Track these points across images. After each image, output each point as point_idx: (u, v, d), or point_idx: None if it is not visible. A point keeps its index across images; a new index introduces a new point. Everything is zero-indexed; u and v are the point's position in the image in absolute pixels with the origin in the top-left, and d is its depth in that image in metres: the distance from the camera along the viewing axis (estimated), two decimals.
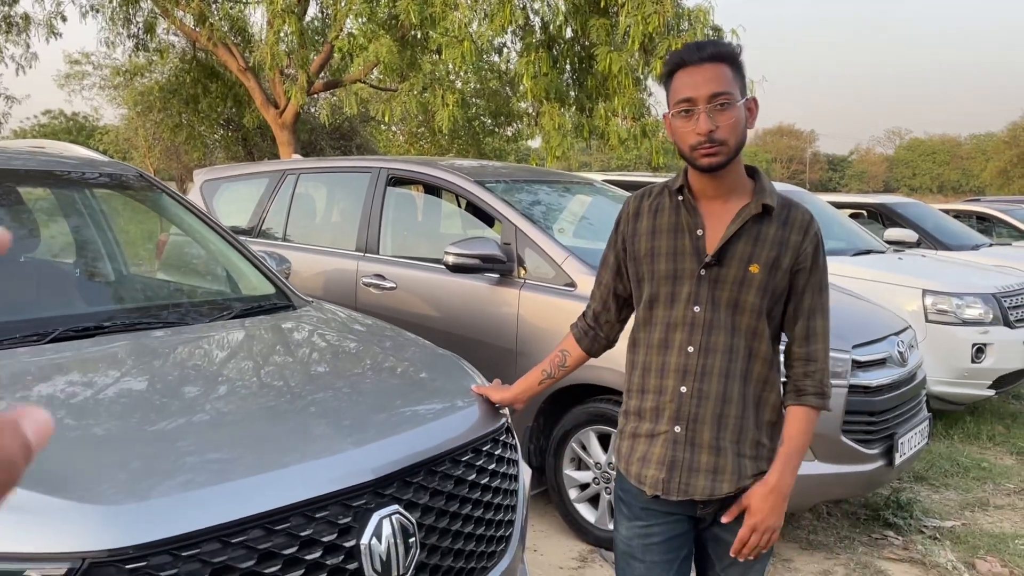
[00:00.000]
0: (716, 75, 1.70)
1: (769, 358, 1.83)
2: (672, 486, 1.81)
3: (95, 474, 1.57)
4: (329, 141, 24.18)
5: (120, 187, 3.28)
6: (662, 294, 1.84)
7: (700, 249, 1.79)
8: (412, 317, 4.29)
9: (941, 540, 3.98)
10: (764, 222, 1.78)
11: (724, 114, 1.70)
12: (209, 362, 2.31)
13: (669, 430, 1.82)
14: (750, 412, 1.81)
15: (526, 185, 4.75)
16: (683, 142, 1.75)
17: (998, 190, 57.83)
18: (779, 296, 1.80)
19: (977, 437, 5.70)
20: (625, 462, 1.90)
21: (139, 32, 13.96)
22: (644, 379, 1.87)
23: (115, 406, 1.89)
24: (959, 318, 5.63)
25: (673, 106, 1.75)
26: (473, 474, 2.07)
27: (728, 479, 1.80)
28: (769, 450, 1.85)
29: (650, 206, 1.90)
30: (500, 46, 11.28)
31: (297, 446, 1.80)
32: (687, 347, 1.80)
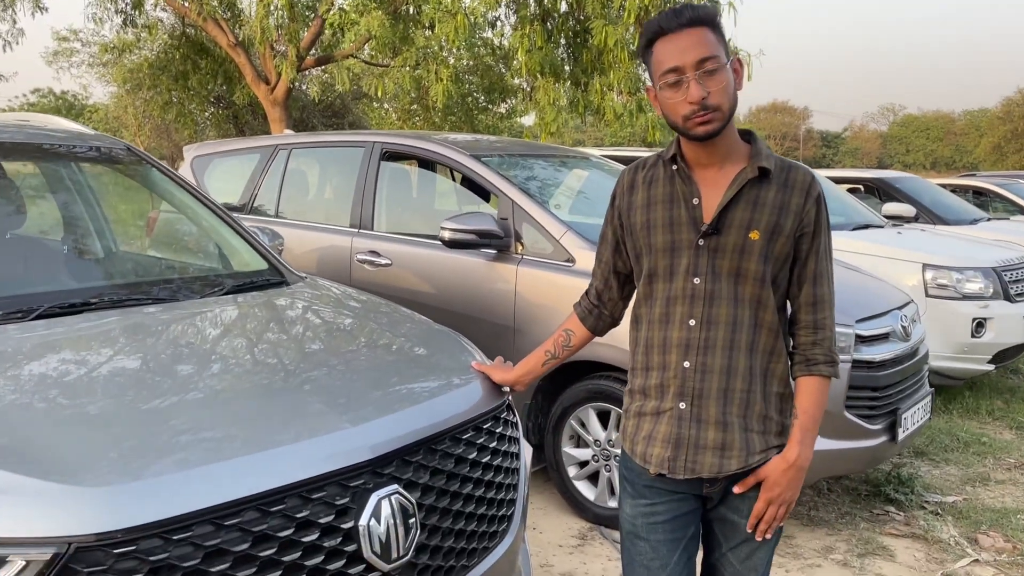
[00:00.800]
0: (699, 39, 1.64)
1: (775, 328, 1.76)
2: (678, 464, 1.76)
3: (82, 454, 1.50)
4: (321, 118, 23.96)
5: (108, 161, 3.19)
6: (661, 267, 1.78)
7: (697, 218, 1.73)
8: (408, 294, 4.22)
9: (943, 515, 3.96)
10: (763, 186, 1.72)
11: (714, 79, 1.63)
12: (200, 339, 2.24)
13: (674, 407, 1.77)
14: (757, 385, 1.75)
15: (522, 159, 4.67)
16: (674, 113, 1.68)
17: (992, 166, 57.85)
18: (783, 262, 1.74)
19: (976, 412, 5.68)
20: (631, 441, 1.85)
21: (127, 7, 13.76)
22: (647, 356, 1.82)
23: (103, 384, 1.82)
24: (959, 292, 5.59)
25: (659, 78, 1.67)
26: (474, 452, 2.01)
27: (736, 455, 1.74)
28: (777, 423, 1.78)
29: (644, 178, 1.84)
30: (494, 20, 11.13)
31: (292, 425, 1.73)
32: (688, 320, 1.75)
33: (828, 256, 1.79)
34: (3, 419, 1.59)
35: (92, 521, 1.36)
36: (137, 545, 1.38)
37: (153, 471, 1.49)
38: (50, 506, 1.37)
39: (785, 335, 1.81)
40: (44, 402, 1.69)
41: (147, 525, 1.40)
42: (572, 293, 3.87)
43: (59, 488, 1.39)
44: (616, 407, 3.60)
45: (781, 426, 1.79)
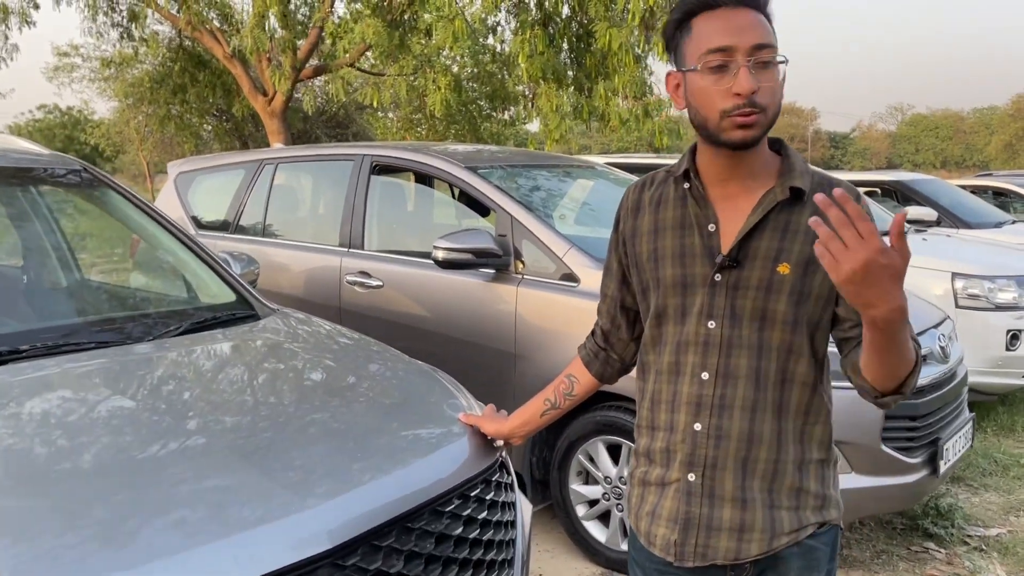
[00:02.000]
0: (758, 22, 1.32)
1: (811, 382, 1.43)
2: (687, 550, 1.45)
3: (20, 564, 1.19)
4: (324, 129, 23.76)
5: (62, 182, 2.89)
6: (670, 307, 1.47)
7: (713, 248, 1.42)
8: (400, 318, 3.91)
9: (987, 551, 3.61)
10: (795, 209, 1.40)
11: (767, 73, 1.32)
12: (155, 392, 1.91)
13: (682, 478, 1.46)
14: (788, 452, 1.43)
15: (522, 170, 4.36)
16: (709, 106, 1.34)
17: (1003, 164, 57.41)
18: (822, 302, 1.41)
19: (1012, 430, 5.33)
20: (635, 516, 1.55)
21: (123, 20, 13.54)
22: (653, 413, 1.52)
23: (26, 469, 1.51)
24: (992, 303, 5.24)
25: (700, 57, 1.33)
26: (459, 528, 1.69)
27: (758, 538, 1.43)
28: (817, 496, 1.46)
29: (651, 198, 1.53)
30: (494, 25, 10.84)
31: (223, 512, 1.41)
32: (701, 373, 1.44)
33: None
34: None
35: None
36: None
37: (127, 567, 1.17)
38: None
39: (825, 390, 1.48)
40: None
41: None
42: (577, 315, 3.58)
43: None
44: (628, 440, 3.27)
45: (822, 499, 1.46)
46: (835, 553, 1.53)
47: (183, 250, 2.79)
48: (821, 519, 1.46)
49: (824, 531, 1.48)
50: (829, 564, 1.51)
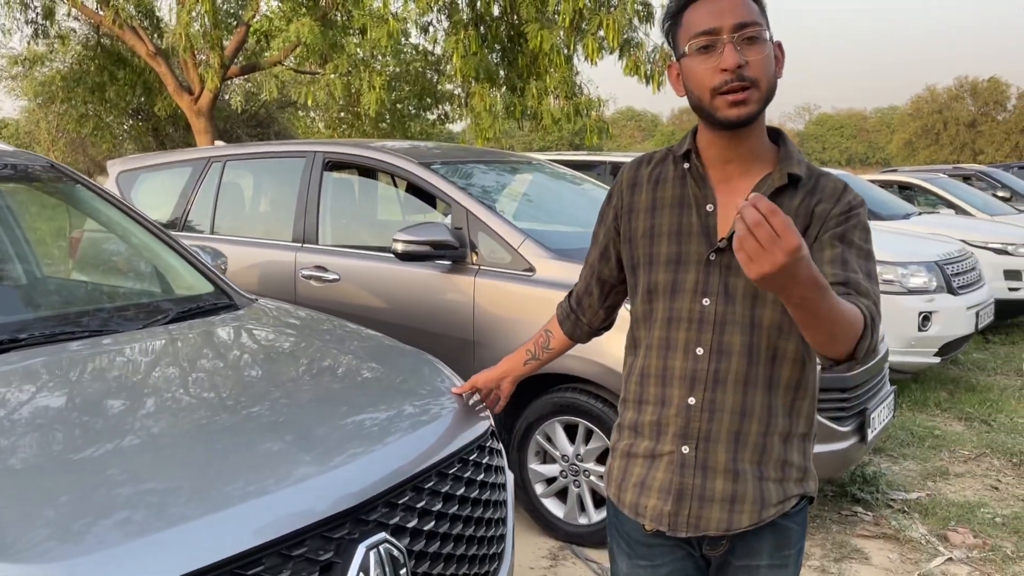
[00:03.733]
0: (741, 3, 1.39)
1: (800, 358, 1.50)
2: (680, 520, 1.50)
3: (11, 528, 1.28)
4: (246, 129, 23.33)
5: (29, 179, 2.91)
6: (663, 283, 1.51)
7: (710, 228, 1.47)
8: (359, 310, 4.01)
9: (910, 513, 3.95)
10: (787, 195, 1.46)
11: (754, 47, 1.38)
12: (146, 379, 2.00)
13: (675, 450, 1.51)
14: (776, 426, 1.49)
15: (472, 166, 4.51)
16: (702, 85, 1.40)
17: (903, 161, 60.18)
18: None
19: (925, 404, 5.75)
20: (617, 487, 1.59)
21: (37, 17, 13.08)
22: (642, 387, 1.56)
23: (35, 441, 1.59)
24: (905, 287, 5.65)
25: (689, 42, 1.41)
26: (462, 488, 1.84)
27: (748, 509, 1.49)
28: (799, 468, 1.53)
29: (650, 175, 1.57)
30: (426, 25, 10.94)
31: (265, 475, 1.54)
32: (695, 348, 1.49)
33: (867, 256, 1.46)
34: None
35: None
36: None
37: (98, 542, 1.28)
38: None
39: (814, 367, 1.55)
40: None
41: None
42: (533, 303, 3.76)
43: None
44: (584, 420, 3.47)
45: (803, 471, 1.55)
46: (805, 531, 1.61)
47: (159, 244, 2.85)
48: (802, 491, 1.54)
49: (798, 509, 1.55)
50: (800, 542, 1.58)
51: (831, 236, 1.44)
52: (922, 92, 64.72)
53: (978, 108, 62.26)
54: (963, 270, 6.06)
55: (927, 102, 63.62)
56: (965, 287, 5.97)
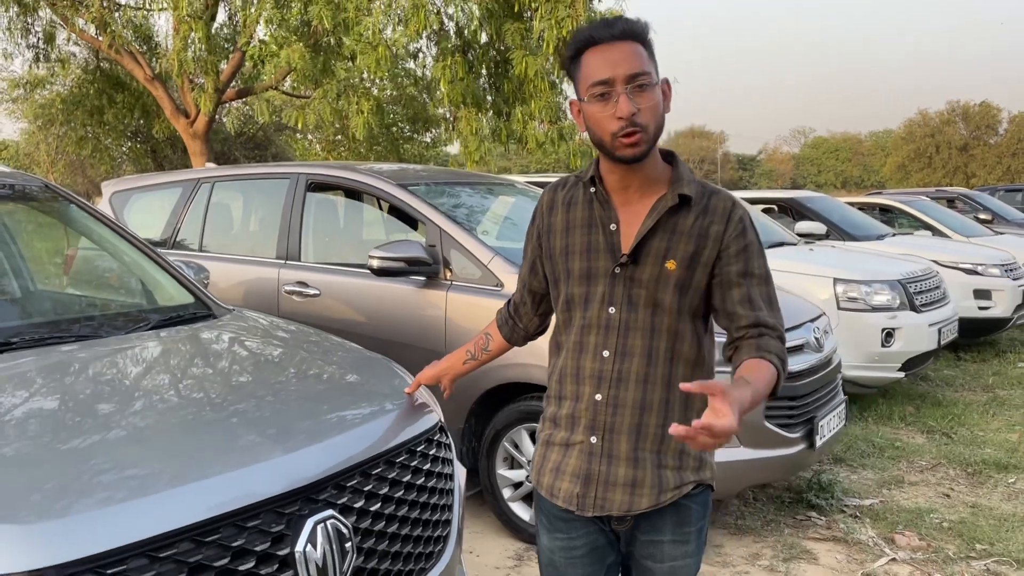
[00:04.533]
0: (632, 53, 1.57)
1: (694, 359, 1.71)
2: (587, 501, 1.71)
3: (8, 494, 1.49)
4: (243, 151, 23.67)
5: (24, 199, 3.13)
6: (577, 295, 1.72)
7: (615, 246, 1.67)
8: (338, 324, 4.22)
9: (861, 518, 4.14)
10: (682, 213, 1.65)
11: (644, 95, 1.56)
12: (126, 376, 2.22)
13: (585, 440, 1.71)
14: (673, 419, 1.68)
15: (448, 187, 4.74)
16: (601, 130, 1.59)
17: (897, 184, 60.70)
18: (699, 292, 1.67)
19: (890, 418, 5.95)
20: (537, 472, 1.81)
21: (38, 42, 13.40)
22: (561, 384, 1.77)
23: (28, 425, 1.80)
24: (868, 304, 5.86)
25: (587, 90, 1.58)
26: (408, 475, 2.05)
27: (647, 492, 1.69)
28: (696, 458, 1.73)
29: (564, 199, 1.77)
30: (415, 51, 11.24)
31: (225, 456, 1.75)
32: (602, 351, 1.69)
33: (766, 281, 1.69)
34: None
35: (26, 558, 1.36)
36: None
37: (84, 506, 1.49)
38: None
39: (707, 368, 1.75)
40: None
41: (81, 560, 1.40)
42: None
43: None
44: None
45: (700, 460, 1.74)
46: (706, 512, 1.79)
47: (145, 259, 3.06)
48: (699, 478, 1.73)
49: (699, 492, 1.75)
50: (700, 522, 1.77)
51: (737, 273, 1.65)
52: (915, 116, 65.43)
53: (970, 132, 62.88)
54: (926, 288, 6.28)
55: (920, 126, 64.26)
56: (928, 305, 6.19)
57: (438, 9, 10.23)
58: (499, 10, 9.75)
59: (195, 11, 9.88)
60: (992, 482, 4.66)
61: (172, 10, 10.34)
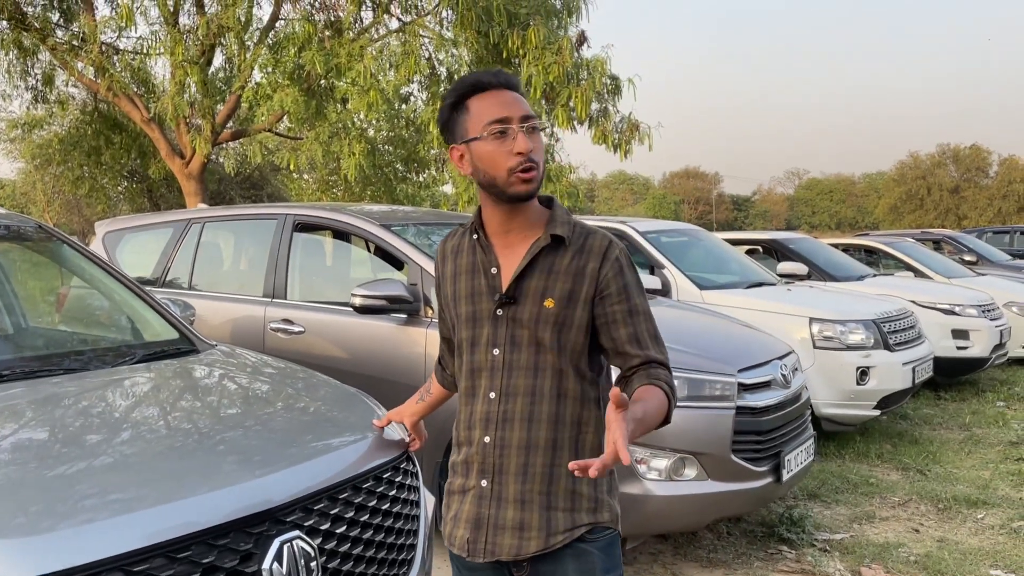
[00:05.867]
0: (520, 99, 1.68)
1: (580, 396, 1.71)
2: (478, 547, 1.70)
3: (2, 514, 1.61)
4: (239, 191, 23.92)
5: (18, 239, 3.27)
6: (465, 339, 1.75)
7: (495, 288, 1.71)
8: (321, 360, 4.34)
9: (831, 552, 4.23)
10: (559, 253, 1.70)
11: (535, 136, 1.66)
12: (109, 406, 2.35)
13: (476, 485, 1.72)
14: (563, 458, 1.68)
15: (434, 228, 4.90)
16: (498, 166, 1.64)
17: (890, 224, 61.28)
18: (581, 330, 1.70)
19: (866, 455, 6.05)
20: (443, 522, 1.82)
21: (37, 84, 13.68)
22: (458, 431, 1.79)
23: (13, 452, 1.92)
24: (843, 343, 6.00)
25: (484, 128, 1.64)
26: (374, 501, 2.16)
27: (535, 536, 1.67)
28: (590, 499, 1.70)
29: (452, 248, 1.83)
30: (407, 95, 11.51)
31: (199, 479, 1.87)
32: (489, 393, 1.71)
33: (648, 316, 1.73)
34: None
35: (6, 571, 1.47)
36: None
37: (63, 524, 1.60)
38: None
39: (597, 403, 1.75)
40: None
41: (58, 573, 1.51)
42: None
43: None
44: None
45: (595, 501, 1.71)
46: (613, 560, 1.72)
47: (132, 297, 3.20)
48: (593, 520, 1.69)
49: (599, 536, 1.70)
50: (609, 572, 1.70)
51: (621, 312, 1.69)
52: (906, 158, 66.30)
53: (961, 174, 63.71)
54: (900, 328, 6.43)
55: (911, 168, 65.11)
56: (902, 344, 6.33)
57: (429, 55, 10.52)
58: (488, 56, 10.03)
59: (191, 57, 10.18)
60: (961, 517, 4.76)
61: (168, 55, 10.63)
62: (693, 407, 3.64)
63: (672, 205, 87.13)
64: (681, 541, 4.32)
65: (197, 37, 10.91)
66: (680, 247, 7.19)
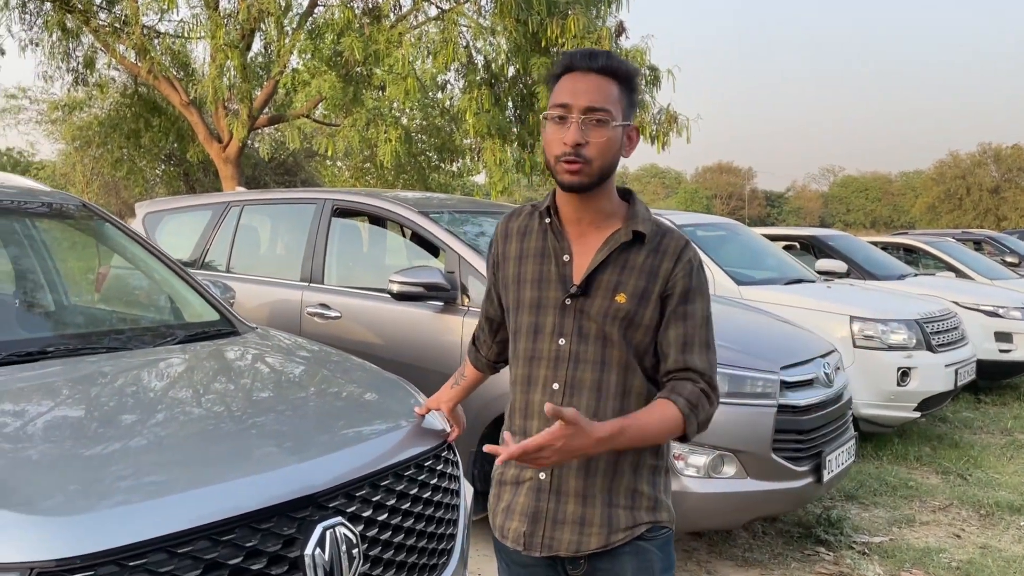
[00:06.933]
0: (599, 87, 1.59)
1: (646, 394, 1.67)
2: (535, 541, 1.66)
3: (39, 489, 1.60)
4: (273, 176, 24.07)
5: (62, 217, 3.29)
6: (526, 324, 1.70)
7: (566, 277, 1.66)
8: (357, 345, 4.33)
9: (869, 555, 4.14)
10: (634, 250, 1.65)
11: (598, 130, 1.57)
12: (151, 386, 2.34)
13: (534, 477, 1.67)
14: (626, 456, 1.65)
15: (470, 216, 4.86)
16: (549, 150, 1.62)
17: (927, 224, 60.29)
18: (650, 329, 1.66)
19: (905, 458, 5.93)
20: (492, 513, 1.77)
21: (78, 66, 13.85)
22: (511, 419, 1.73)
23: (58, 429, 1.92)
24: (884, 343, 5.88)
25: (549, 109, 1.62)
26: (416, 488, 2.13)
27: (596, 532, 1.63)
28: (649, 498, 1.68)
29: (518, 228, 1.77)
30: (443, 83, 11.48)
31: (242, 462, 1.85)
32: (552, 384, 1.66)
33: (706, 324, 1.68)
34: None
35: (53, 548, 1.46)
36: (95, 571, 1.48)
37: (111, 502, 1.59)
38: (12, 534, 1.46)
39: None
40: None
41: (105, 552, 1.50)
42: None
43: (21, 517, 1.49)
44: None
45: (654, 500, 1.69)
46: (670, 559, 1.70)
47: (174, 277, 3.20)
48: (653, 519, 1.66)
49: (657, 534, 1.68)
50: (664, 568, 1.69)
51: (677, 313, 1.65)
52: (945, 157, 65.16)
53: (1002, 174, 62.49)
54: (944, 329, 6.29)
55: (950, 167, 63.99)
56: (945, 345, 6.20)
57: (467, 43, 10.47)
58: (527, 45, 9.95)
59: (231, 40, 10.23)
60: (1004, 524, 4.64)
61: (209, 39, 10.70)
62: (734, 404, 3.57)
63: (704, 200, 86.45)
64: (716, 539, 4.25)
65: (237, 21, 10.96)
66: (717, 241, 7.09)
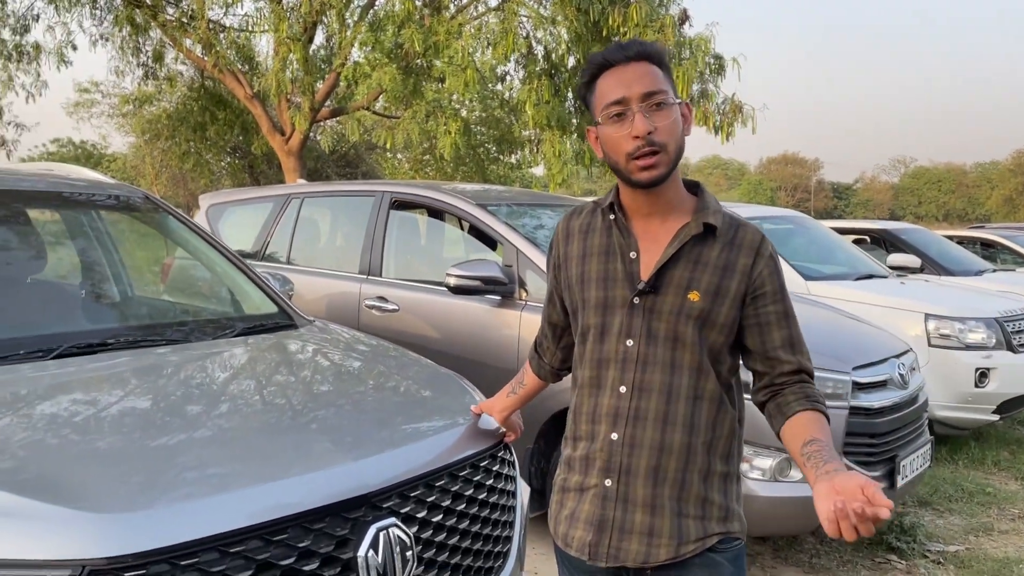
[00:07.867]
0: (646, 72, 1.52)
1: (719, 398, 1.59)
2: (601, 550, 1.58)
3: (95, 485, 1.58)
4: (335, 168, 24.41)
5: (127, 209, 3.32)
6: (593, 326, 1.62)
7: (633, 275, 1.58)
8: (414, 339, 4.30)
9: (944, 564, 3.96)
10: (707, 243, 1.57)
11: (661, 113, 1.50)
12: (209, 379, 2.33)
13: (599, 484, 1.59)
14: (696, 464, 1.57)
15: (529, 208, 4.79)
16: (617, 152, 1.53)
17: (1004, 217, 58.06)
18: (725, 328, 1.57)
19: (982, 462, 5.67)
20: (554, 521, 1.70)
21: (148, 60, 14.21)
22: (576, 424, 1.66)
23: (116, 421, 1.91)
24: (962, 342, 5.62)
25: (602, 111, 1.54)
26: (471, 489, 2.08)
27: (666, 543, 1.55)
28: (721, 507, 1.59)
29: (580, 226, 1.70)
30: (503, 74, 11.42)
31: (296, 460, 1.81)
32: (619, 387, 1.58)
33: (796, 321, 1.61)
34: (22, 453, 1.68)
35: (104, 545, 1.44)
36: (147, 569, 1.45)
37: (162, 501, 1.57)
38: (65, 531, 1.45)
39: (733, 407, 1.63)
40: (59, 438, 1.78)
41: (157, 551, 1.47)
42: None
43: (74, 514, 1.48)
44: None
45: (726, 510, 1.60)
46: (741, 572, 1.62)
47: (234, 270, 3.21)
48: (725, 529, 1.58)
49: (728, 546, 1.59)
50: None
51: (777, 314, 1.58)
52: None
53: None
54: None
55: None
56: None
57: (527, 33, 10.38)
58: (587, 34, 9.82)
59: (294, 34, 10.33)
60: None
61: (273, 32, 10.84)
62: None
63: (768, 192, 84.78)
64: (782, 544, 4.11)
65: (300, 14, 11.08)
66: (784, 235, 6.88)
